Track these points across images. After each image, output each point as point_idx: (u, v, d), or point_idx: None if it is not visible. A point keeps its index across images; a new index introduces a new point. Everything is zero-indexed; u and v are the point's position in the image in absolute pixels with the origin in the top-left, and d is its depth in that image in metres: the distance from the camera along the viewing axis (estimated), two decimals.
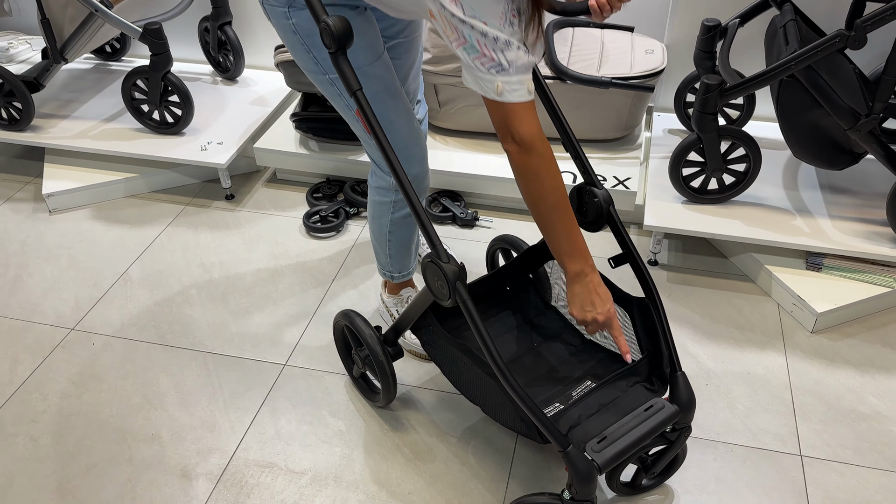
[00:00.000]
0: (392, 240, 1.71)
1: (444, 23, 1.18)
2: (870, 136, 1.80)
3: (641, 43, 2.33)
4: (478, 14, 1.14)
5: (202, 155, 2.30)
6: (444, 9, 1.15)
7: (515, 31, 1.17)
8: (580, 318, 1.35)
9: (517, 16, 1.17)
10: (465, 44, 1.17)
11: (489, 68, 1.18)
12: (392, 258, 1.75)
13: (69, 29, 2.27)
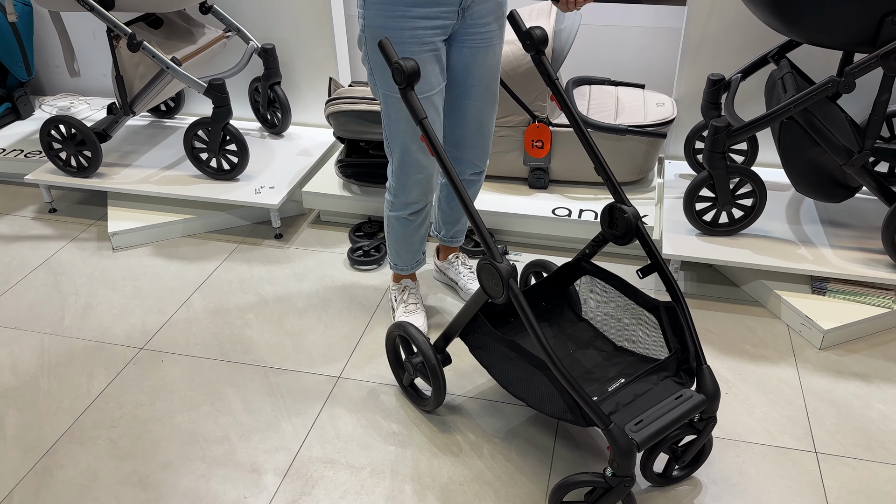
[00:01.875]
0: (389, 233, 2.04)
1: None
2: (863, 171, 2.02)
3: (653, 97, 2.59)
4: None
5: (256, 197, 2.53)
6: None
7: None
8: None
9: None
10: None
11: None
12: (391, 250, 2.08)
13: (139, 85, 2.54)
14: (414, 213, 1.95)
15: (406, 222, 1.98)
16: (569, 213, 2.44)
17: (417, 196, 1.91)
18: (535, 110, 2.45)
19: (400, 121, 1.76)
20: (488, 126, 1.94)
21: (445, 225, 2.20)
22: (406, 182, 1.88)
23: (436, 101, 1.77)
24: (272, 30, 2.85)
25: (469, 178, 2.04)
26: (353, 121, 2.45)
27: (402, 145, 1.81)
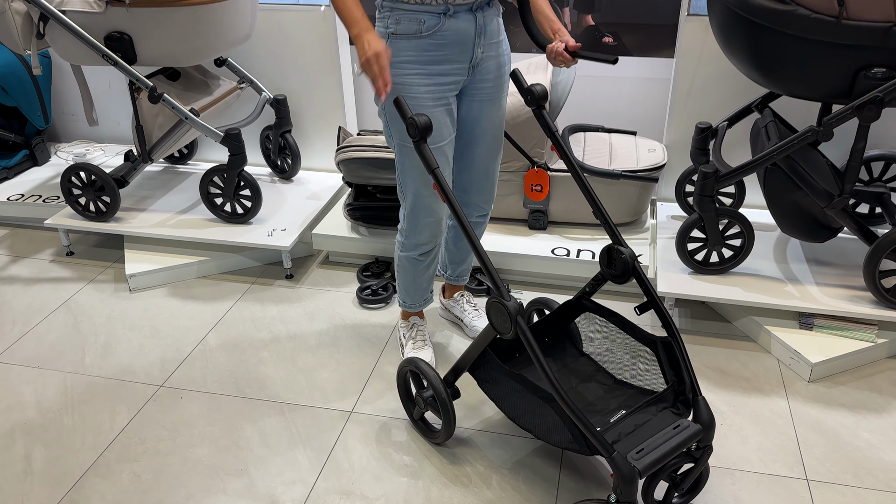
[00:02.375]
0: (399, 272, 2.15)
1: None
2: (843, 213, 2.16)
3: (644, 144, 2.74)
4: None
5: (269, 239, 2.64)
6: None
7: None
8: (361, 63, 1.64)
9: None
10: None
11: None
12: (401, 288, 2.19)
13: (157, 134, 2.67)
14: (423, 253, 2.07)
15: (416, 262, 2.09)
16: (567, 252, 2.56)
17: (427, 238, 2.03)
18: (534, 157, 2.59)
19: (413, 169, 1.89)
20: (494, 172, 2.07)
21: (452, 264, 2.32)
22: (417, 225, 2.00)
23: (446, 151, 1.90)
24: (284, 81, 3.00)
25: (475, 220, 2.16)
26: (362, 167, 2.58)
27: (415, 191, 1.93)
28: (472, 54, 1.83)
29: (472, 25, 1.79)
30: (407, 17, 1.75)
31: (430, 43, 1.78)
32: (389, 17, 1.78)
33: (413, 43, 1.78)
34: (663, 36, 2.77)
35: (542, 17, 1.84)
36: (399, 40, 1.78)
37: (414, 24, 1.76)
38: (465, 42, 1.80)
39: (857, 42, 1.92)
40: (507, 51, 1.93)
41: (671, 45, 2.73)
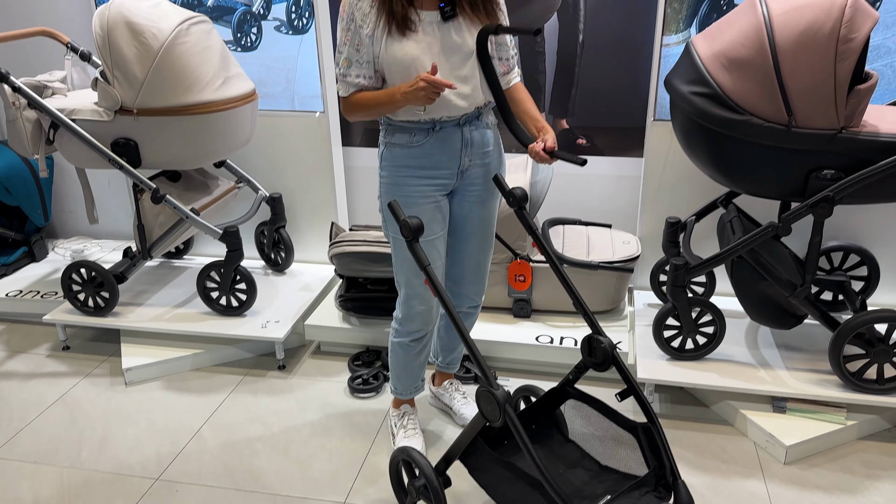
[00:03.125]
0: (392, 359, 2.25)
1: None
2: (806, 301, 2.31)
3: (619, 236, 2.91)
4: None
5: (263, 331, 2.74)
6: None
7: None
8: (426, 100, 1.77)
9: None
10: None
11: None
12: (393, 375, 2.28)
13: (158, 233, 2.80)
14: (415, 339, 2.18)
15: (408, 348, 2.20)
16: (550, 340, 2.68)
17: (419, 325, 2.15)
18: (517, 249, 2.74)
19: (406, 261, 2.04)
20: (484, 266, 2.22)
21: (443, 352, 2.42)
22: (410, 312, 2.12)
23: (438, 245, 2.05)
24: (279, 180, 3.16)
25: (466, 311, 2.29)
26: (354, 261, 2.71)
27: (408, 282, 2.08)
28: (459, 162, 2.00)
29: (459, 138, 1.97)
30: (400, 131, 1.95)
31: (420, 152, 1.96)
32: (387, 130, 1.99)
33: (405, 151, 1.96)
34: (632, 138, 2.99)
35: (527, 118, 2.02)
36: (394, 148, 1.97)
37: (406, 136, 1.95)
38: (452, 152, 1.98)
39: (806, 147, 2.12)
40: (496, 158, 2.10)
41: (640, 147, 2.94)
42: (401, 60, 1.84)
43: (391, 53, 1.84)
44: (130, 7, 2.49)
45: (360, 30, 1.85)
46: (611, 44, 2.91)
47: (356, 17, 1.85)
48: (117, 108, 2.56)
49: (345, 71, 1.91)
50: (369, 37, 1.85)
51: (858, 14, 2.01)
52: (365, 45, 1.86)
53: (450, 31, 1.87)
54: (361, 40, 1.86)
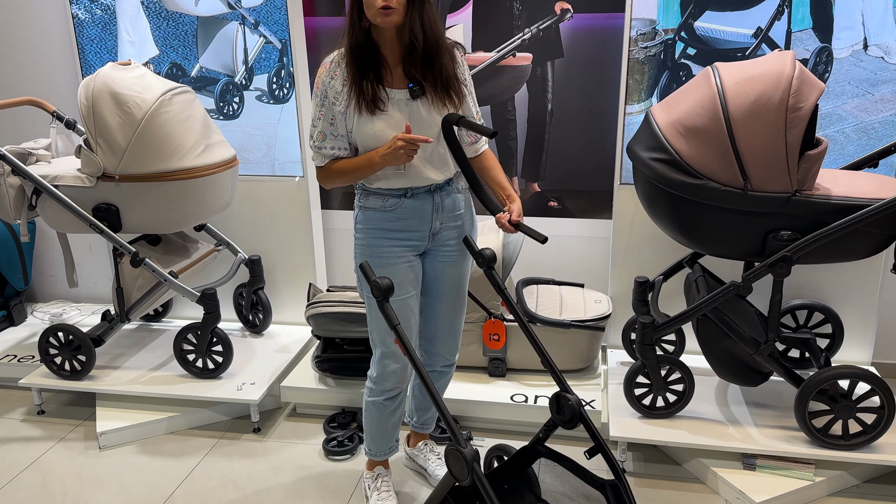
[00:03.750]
0: (366, 419, 2.27)
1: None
2: (770, 358, 2.37)
3: (591, 295, 2.98)
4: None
5: (238, 393, 2.75)
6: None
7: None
8: (405, 158, 1.88)
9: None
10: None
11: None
12: (367, 436, 2.29)
13: (136, 296, 2.83)
14: (389, 398, 2.21)
15: (382, 407, 2.22)
16: (525, 398, 2.71)
17: (394, 383, 2.18)
18: (491, 308, 2.80)
19: (381, 320, 2.09)
20: (457, 325, 2.27)
21: (417, 412, 2.44)
22: (384, 371, 2.16)
23: (411, 303, 2.11)
24: (258, 242, 3.22)
25: (440, 370, 2.33)
26: (331, 321, 2.75)
27: (382, 340, 2.13)
28: (430, 225, 2.08)
29: (430, 204, 2.06)
30: (374, 195, 2.04)
31: (393, 215, 2.04)
32: (361, 194, 2.08)
33: (379, 214, 2.05)
34: (601, 201, 3.10)
35: (496, 186, 2.11)
36: (368, 211, 2.06)
37: (379, 200, 2.04)
38: (423, 216, 2.06)
39: (763, 209, 2.21)
40: (468, 220, 2.18)
41: (609, 209, 3.04)
42: (372, 137, 1.95)
43: (363, 131, 1.94)
44: (115, 78, 2.59)
45: (332, 106, 1.95)
46: (578, 112, 3.05)
47: (329, 95, 1.95)
48: (100, 175, 2.62)
49: (319, 143, 2.00)
50: (342, 113, 1.95)
51: (805, 85, 2.14)
52: (338, 121, 1.96)
53: (419, 109, 1.97)
54: (335, 116, 1.96)
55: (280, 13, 2.99)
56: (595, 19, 2.94)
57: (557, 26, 2.98)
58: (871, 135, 2.68)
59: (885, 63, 2.61)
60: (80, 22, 3.15)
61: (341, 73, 1.94)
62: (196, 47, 3.10)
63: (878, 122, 2.67)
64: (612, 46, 2.92)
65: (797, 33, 2.64)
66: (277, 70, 3.05)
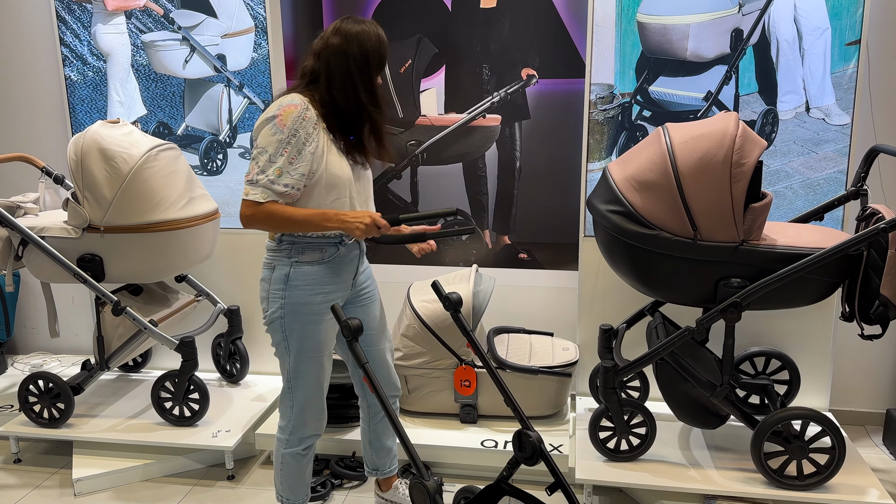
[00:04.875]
0: (283, 472, 2.29)
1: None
2: (726, 401, 2.47)
3: (559, 343, 3.09)
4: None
5: (213, 440, 2.80)
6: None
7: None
8: (361, 234, 2.02)
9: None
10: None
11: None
12: (285, 487, 2.31)
13: (116, 344, 2.90)
14: (307, 448, 2.28)
15: (300, 457, 2.28)
16: (496, 444, 2.78)
17: (312, 431, 2.26)
18: (462, 355, 2.90)
19: (308, 374, 2.18)
20: (391, 356, 2.43)
21: (380, 460, 2.51)
22: (305, 420, 2.23)
23: (325, 363, 2.24)
24: (238, 292, 3.32)
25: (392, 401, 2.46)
26: None
27: (307, 393, 2.20)
28: (356, 271, 2.25)
29: (357, 249, 2.23)
30: (311, 248, 2.13)
31: (328, 268, 2.16)
32: (292, 249, 2.13)
33: (315, 268, 2.14)
34: (568, 252, 3.24)
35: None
36: (304, 266, 2.13)
37: (317, 253, 2.14)
38: (351, 264, 2.22)
39: (712, 258, 2.36)
40: (368, 264, 2.37)
41: (575, 260, 3.18)
42: (339, 177, 2.09)
43: (332, 171, 2.08)
44: (104, 134, 2.73)
45: (302, 146, 2.02)
46: (544, 169, 3.23)
47: (300, 134, 2.02)
48: (85, 226, 2.74)
49: (273, 178, 1.99)
50: (311, 153, 2.04)
51: (747, 143, 2.32)
52: (304, 160, 2.02)
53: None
54: (301, 155, 2.02)
55: (264, 76, 3.17)
56: (558, 84, 3.16)
57: (524, 90, 3.18)
58: (816, 190, 2.86)
59: (826, 124, 2.81)
60: (73, 83, 3.32)
61: (311, 115, 2.04)
62: (183, 107, 3.27)
63: (823, 178, 2.85)
64: (574, 109, 3.13)
65: (745, 97, 2.85)
66: None
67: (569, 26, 3.11)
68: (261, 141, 2.02)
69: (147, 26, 3.21)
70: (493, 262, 3.33)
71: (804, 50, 2.77)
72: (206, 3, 3.15)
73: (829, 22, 2.73)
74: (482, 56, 3.18)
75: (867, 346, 3.02)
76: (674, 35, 2.82)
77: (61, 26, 3.27)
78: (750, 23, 2.78)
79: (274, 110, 2.02)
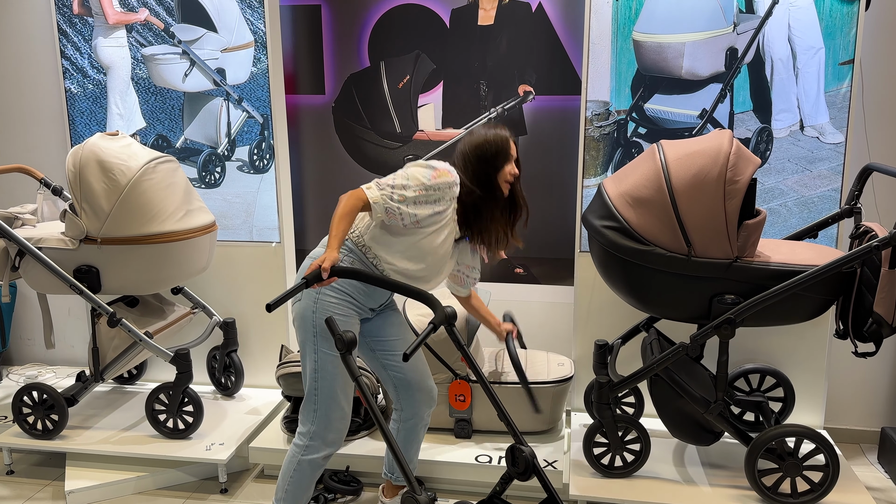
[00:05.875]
0: (294, 480, 2.23)
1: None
2: (720, 418, 2.47)
3: (555, 359, 3.09)
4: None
5: (206, 453, 2.79)
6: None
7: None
8: (315, 277, 1.97)
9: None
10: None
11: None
12: (290, 496, 2.24)
13: (112, 356, 2.90)
14: (327, 457, 2.24)
15: (318, 466, 2.25)
16: (490, 459, 2.78)
17: (335, 437, 2.23)
18: (457, 369, 2.89)
19: (333, 377, 2.17)
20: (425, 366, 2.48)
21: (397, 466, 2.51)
22: (330, 425, 2.20)
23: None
24: (234, 305, 3.32)
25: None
26: (300, 381, 2.83)
27: (331, 394, 2.19)
28: (378, 303, 2.31)
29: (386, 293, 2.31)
30: (360, 261, 2.21)
31: (364, 290, 2.22)
32: (346, 255, 2.22)
33: (354, 285, 2.20)
34: (564, 268, 3.25)
35: (488, 316, 2.58)
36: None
37: (360, 265, 2.20)
38: (377, 297, 2.29)
39: (706, 274, 2.37)
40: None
41: (571, 275, 3.19)
42: (429, 243, 2.19)
43: (429, 238, 2.18)
44: (102, 146, 2.75)
45: (434, 203, 2.14)
46: (541, 185, 3.24)
47: (438, 194, 2.15)
48: (82, 238, 2.74)
49: (395, 197, 2.12)
50: (434, 212, 2.15)
51: (741, 161, 2.34)
52: (426, 210, 2.14)
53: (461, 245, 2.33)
54: (427, 206, 2.14)
55: (263, 90, 3.19)
56: (554, 101, 3.18)
57: (521, 107, 3.21)
58: (811, 208, 2.87)
59: (820, 143, 2.84)
60: (73, 95, 3.34)
61: (455, 192, 2.19)
62: (182, 120, 3.29)
63: (817, 196, 2.87)
64: (570, 125, 3.15)
65: (739, 115, 2.87)
66: (259, 142, 3.23)
67: (565, 44, 3.14)
68: (410, 172, 2.17)
69: (147, 40, 3.24)
70: (489, 276, 3.34)
71: (798, 69, 2.80)
72: (206, 17, 3.18)
73: (822, 41, 2.76)
74: (480, 72, 3.21)
75: (862, 364, 3.02)
76: (669, 53, 2.85)
77: (62, 39, 3.30)
78: (744, 42, 2.80)
79: (436, 164, 2.18)
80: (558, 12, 3.12)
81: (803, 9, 2.75)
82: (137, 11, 3.21)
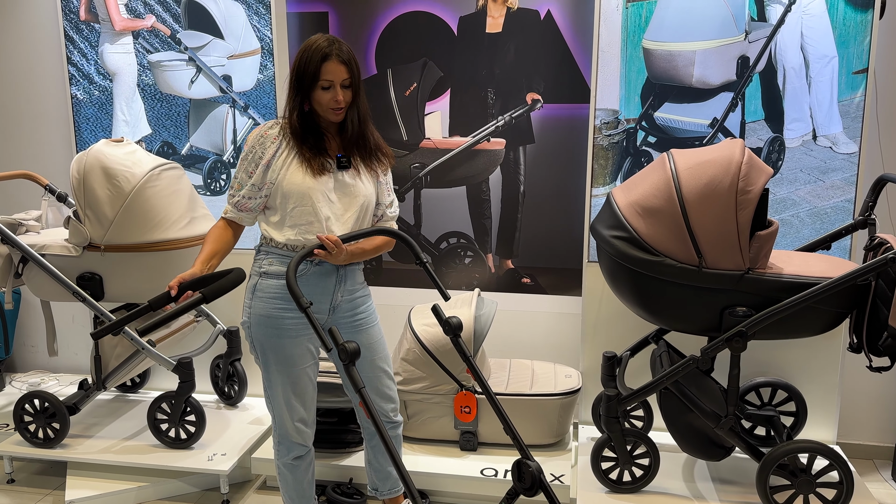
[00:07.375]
0: (282, 484, 2.32)
1: None
2: (731, 432, 2.42)
3: (562, 370, 3.04)
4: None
5: (208, 464, 2.76)
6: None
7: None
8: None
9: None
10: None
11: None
12: (286, 499, 2.32)
13: (114, 364, 2.88)
14: (298, 457, 2.28)
15: (293, 467, 2.29)
16: (495, 472, 2.73)
17: (296, 442, 2.26)
18: (462, 380, 2.85)
19: (277, 387, 2.20)
20: (386, 387, 2.38)
21: (380, 481, 2.47)
22: (285, 431, 2.25)
23: (310, 373, 2.24)
24: (237, 313, 3.27)
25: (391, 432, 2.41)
26: None
27: (280, 405, 2.22)
28: (332, 298, 2.21)
29: (334, 276, 2.19)
30: (279, 260, 2.15)
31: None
32: (263, 259, 2.19)
33: (280, 282, 2.14)
34: (571, 278, 3.21)
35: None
36: (269, 278, 2.16)
37: (283, 267, 2.14)
38: (325, 286, 2.18)
39: (718, 286, 2.32)
40: (363, 293, 2.31)
41: (579, 286, 3.15)
42: (299, 187, 2.08)
43: (291, 180, 2.08)
44: (107, 153, 2.73)
45: (258, 159, 2.09)
46: (548, 194, 3.21)
47: (262, 150, 2.10)
48: (86, 245, 2.72)
49: (237, 190, 2.14)
50: (265, 165, 2.09)
51: (753, 170, 2.29)
52: (258, 174, 2.10)
53: (344, 177, 2.15)
54: (257, 167, 2.10)
55: (269, 97, 3.17)
56: (563, 109, 3.15)
57: (529, 115, 3.17)
58: (823, 219, 2.83)
59: (833, 153, 2.79)
60: (79, 102, 3.33)
61: (271, 133, 2.12)
62: (187, 127, 3.27)
63: (830, 207, 2.82)
64: (579, 134, 3.11)
65: (751, 124, 2.83)
66: None
67: (574, 52, 3.11)
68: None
69: (154, 46, 3.23)
70: (496, 286, 3.30)
71: (811, 78, 2.76)
72: (212, 24, 3.16)
73: (836, 50, 2.71)
74: (487, 80, 3.18)
75: (876, 379, 2.96)
76: (679, 62, 2.81)
77: (69, 45, 3.29)
78: (756, 50, 2.77)
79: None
80: (567, 20, 3.09)
81: (816, 17, 2.71)
82: (144, 18, 3.20)
